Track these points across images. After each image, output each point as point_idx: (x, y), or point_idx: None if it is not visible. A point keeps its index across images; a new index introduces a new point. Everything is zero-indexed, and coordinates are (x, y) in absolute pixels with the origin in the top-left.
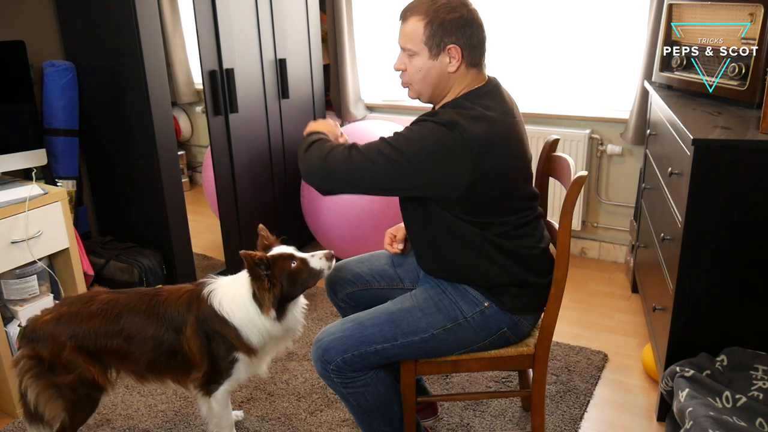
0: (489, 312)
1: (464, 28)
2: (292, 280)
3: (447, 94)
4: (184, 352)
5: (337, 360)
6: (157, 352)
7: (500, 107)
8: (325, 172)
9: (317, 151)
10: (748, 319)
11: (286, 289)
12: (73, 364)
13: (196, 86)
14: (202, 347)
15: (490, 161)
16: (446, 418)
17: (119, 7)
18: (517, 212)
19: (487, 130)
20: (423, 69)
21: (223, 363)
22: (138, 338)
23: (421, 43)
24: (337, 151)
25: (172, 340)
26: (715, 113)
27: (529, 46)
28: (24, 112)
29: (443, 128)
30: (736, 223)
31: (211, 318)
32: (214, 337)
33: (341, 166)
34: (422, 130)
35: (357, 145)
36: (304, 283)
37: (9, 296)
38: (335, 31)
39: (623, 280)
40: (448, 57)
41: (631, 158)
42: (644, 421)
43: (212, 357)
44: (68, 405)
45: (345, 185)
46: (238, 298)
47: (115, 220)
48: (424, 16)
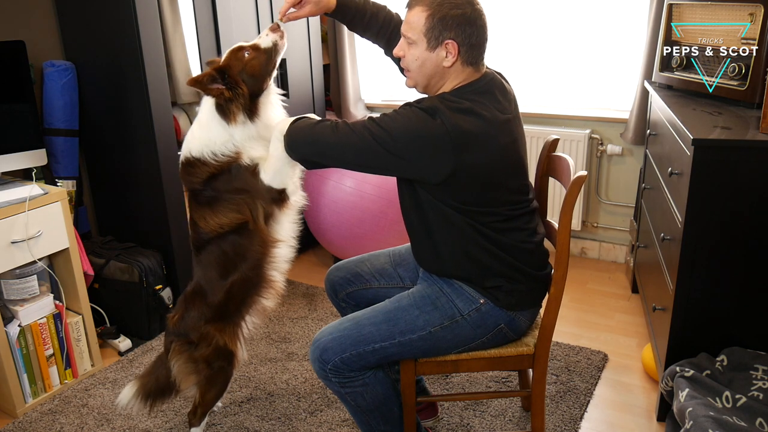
0: (485, 309)
1: (465, 26)
2: (252, 73)
3: (441, 87)
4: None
5: (335, 360)
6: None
7: (491, 103)
8: (312, 144)
9: (304, 125)
10: (748, 319)
11: (251, 85)
12: (210, 335)
13: None
14: (217, 209)
15: (473, 154)
16: (446, 418)
17: (119, 7)
18: (506, 204)
19: (472, 123)
20: (419, 59)
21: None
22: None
23: (420, 34)
24: (324, 124)
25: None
26: (715, 113)
27: (530, 46)
28: (24, 112)
29: (425, 114)
30: (736, 223)
31: (188, 181)
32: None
33: (327, 138)
34: (407, 113)
35: (345, 121)
36: (265, 69)
37: (9, 296)
38: (335, 31)
39: (623, 280)
40: (445, 51)
41: (631, 158)
42: (644, 421)
43: (233, 198)
44: (203, 380)
45: (329, 159)
46: (197, 129)
47: (115, 220)
48: (428, 7)
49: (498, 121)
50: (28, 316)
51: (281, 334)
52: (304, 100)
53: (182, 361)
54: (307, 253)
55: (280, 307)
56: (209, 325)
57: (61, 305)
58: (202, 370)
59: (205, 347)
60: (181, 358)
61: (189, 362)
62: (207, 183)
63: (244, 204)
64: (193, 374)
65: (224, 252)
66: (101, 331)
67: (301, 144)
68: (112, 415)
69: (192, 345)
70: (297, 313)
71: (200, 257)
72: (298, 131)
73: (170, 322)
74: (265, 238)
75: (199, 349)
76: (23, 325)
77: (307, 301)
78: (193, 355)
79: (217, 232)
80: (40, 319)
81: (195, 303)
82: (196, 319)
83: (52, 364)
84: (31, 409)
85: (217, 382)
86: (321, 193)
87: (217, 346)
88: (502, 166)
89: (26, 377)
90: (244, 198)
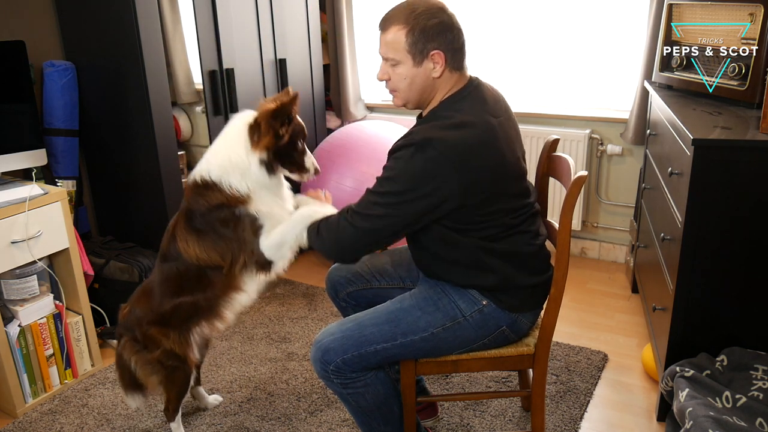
0: (487, 310)
1: (445, 33)
2: (291, 144)
3: (432, 99)
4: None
5: (337, 361)
6: (184, 283)
7: (481, 108)
8: (347, 251)
9: (327, 240)
10: (748, 319)
11: (284, 145)
12: (156, 339)
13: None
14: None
15: (475, 165)
16: (446, 418)
17: (119, 8)
18: (508, 214)
19: (467, 136)
20: (408, 77)
21: (238, 231)
22: (171, 286)
23: (404, 52)
24: (341, 227)
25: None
26: (715, 113)
27: (530, 46)
28: (24, 112)
29: (417, 151)
30: (736, 223)
31: (193, 200)
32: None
33: (355, 239)
34: (400, 164)
35: (353, 209)
36: (291, 158)
37: (9, 296)
38: (335, 31)
39: (623, 280)
40: (432, 63)
41: (631, 158)
42: (644, 421)
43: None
44: (164, 379)
45: (370, 248)
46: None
47: (115, 220)
48: (405, 24)
49: (490, 126)
50: (28, 316)
51: (281, 334)
52: (304, 100)
53: (140, 364)
54: (307, 253)
55: (280, 307)
56: (152, 328)
57: (61, 305)
58: (159, 371)
59: (154, 349)
60: (137, 360)
61: (146, 365)
62: (211, 211)
63: (229, 251)
64: (153, 375)
65: (187, 275)
66: (101, 331)
67: (340, 258)
68: (112, 415)
69: (139, 343)
70: (297, 313)
71: (163, 266)
72: (329, 251)
73: (120, 313)
74: (231, 283)
75: (149, 351)
76: (23, 325)
77: (307, 301)
78: (146, 357)
79: (191, 259)
80: (40, 319)
81: (142, 302)
82: (140, 319)
83: (52, 364)
84: (31, 409)
85: (175, 380)
86: None
87: (164, 350)
88: (503, 171)
89: (26, 377)
90: (233, 245)
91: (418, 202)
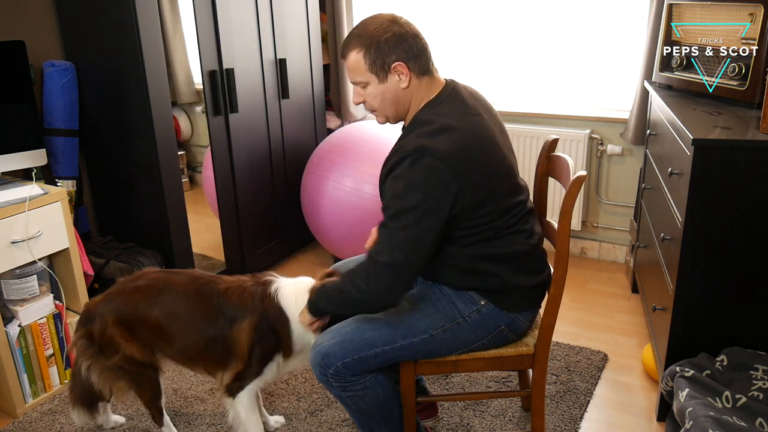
0: (486, 310)
1: (401, 43)
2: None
3: (409, 108)
4: (230, 342)
5: (337, 364)
6: (197, 336)
7: (461, 109)
8: (392, 293)
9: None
10: (748, 319)
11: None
12: (116, 342)
13: (196, 86)
14: (252, 343)
15: (466, 167)
16: (446, 418)
17: (119, 8)
18: (499, 216)
19: (454, 140)
20: (378, 94)
21: (260, 361)
22: (179, 317)
23: (367, 72)
24: (373, 272)
25: (220, 328)
26: (715, 113)
27: (530, 47)
28: (24, 112)
29: (415, 160)
30: (736, 223)
31: (275, 317)
32: (267, 335)
33: (395, 278)
34: (402, 182)
35: (378, 249)
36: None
37: (9, 296)
38: (335, 31)
39: (623, 280)
40: (397, 75)
41: (631, 158)
42: (644, 421)
43: (253, 354)
44: (132, 384)
45: (415, 270)
46: (301, 301)
47: (115, 220)
48: (360, 46)
49: (472, 126)
50: (28, 316)
51: None
52: (304, 100)
53: (96, 371)
54: (307, 253)
55: None
56: (115, 329)
57: (61, 305)
58: (123, 376)
59: (113, 354)
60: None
61: (106, 371)
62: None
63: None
64: (120, 380)
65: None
66: None
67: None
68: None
69: (94, 345)
70: None
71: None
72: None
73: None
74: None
75: (105, 356)
76: (23, 325)
77: None
78: (106, 364)
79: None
80: (40, 319)
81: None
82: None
83: (52, 364)
84: (31, 409)
85: (142, 384)
86: (321, 193)
87: (124, 355)
88: (490, 169)
89: (26, 377)
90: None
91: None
